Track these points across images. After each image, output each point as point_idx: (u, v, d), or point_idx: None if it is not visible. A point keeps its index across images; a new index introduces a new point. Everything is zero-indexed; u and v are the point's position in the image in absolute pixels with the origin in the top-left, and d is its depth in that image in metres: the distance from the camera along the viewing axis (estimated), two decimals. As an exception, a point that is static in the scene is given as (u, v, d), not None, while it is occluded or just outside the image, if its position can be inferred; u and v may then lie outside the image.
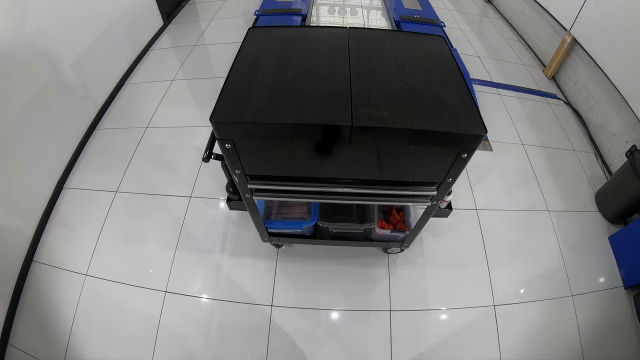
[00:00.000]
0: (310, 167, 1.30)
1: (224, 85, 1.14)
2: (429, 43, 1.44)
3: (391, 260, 2.26)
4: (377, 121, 1.06)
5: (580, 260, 2.40)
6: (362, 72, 1.25)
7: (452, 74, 1.27)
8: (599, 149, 3.19)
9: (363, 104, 1.11)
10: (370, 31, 1.51)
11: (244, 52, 1.32)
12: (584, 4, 3.32)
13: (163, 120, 3.06)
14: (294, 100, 1.11)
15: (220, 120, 1.05)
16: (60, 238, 2.40)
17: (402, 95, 1.16)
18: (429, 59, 1.34)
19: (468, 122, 1.10)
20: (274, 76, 1.20)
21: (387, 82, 1.21)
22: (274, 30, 1.48)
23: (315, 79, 1.20)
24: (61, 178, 2.67)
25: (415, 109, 1.11)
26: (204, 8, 4.73)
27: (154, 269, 2.23)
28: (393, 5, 4.13)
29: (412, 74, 1.25)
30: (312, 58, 1.30)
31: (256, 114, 1.06)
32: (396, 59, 1.32)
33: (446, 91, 1.19)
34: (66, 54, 2.71)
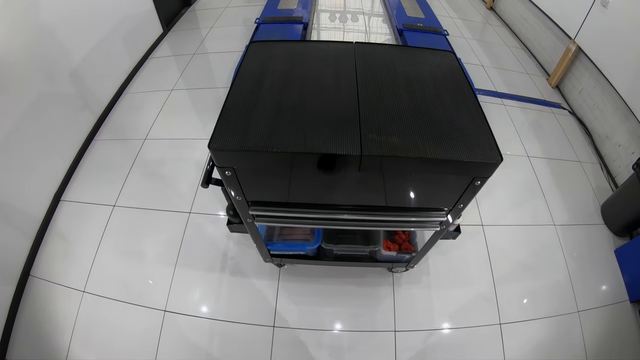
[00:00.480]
0: (314, 194, 1.25)
1: (223, 108, 1.09)
2: (439, 60, 1.38)
3: (395, 279, 2.20)
4: (388, 149, 1.01)
5: (586, 274, 2.35)
6: (370, 93, 1.19)
7: (465, 94, 1.21)
8: (604, 159, 3.14)
9: (373, 129, 1.06)
10: (377, 47, 1.45)
11: (244, 70, 1.26)
12: (589, 11, 3.28)
13: (162, 132, 3.00)
14: (299, 126, 1.05)
15: (219, 148, 1.00)
16: (58, 252, 2.35)
17: (414, 118, 1.11)
18: (441, 78, 1.28)
19: (483, 149, 1.04)
20: (276, 98, 1.14)
21: (397, 104, 1.16)
22: (276, 45, 1.42)
23: (321, 102, 1.14)
24: (58, 190, 2.62)
25: (427, 135, 1.05)
26: (204, 15, 4.68)
27: (152, 287, 2.17)
28: (395, 13, 4.08)
29: (424, 95, 1.19)
30: (317, 78, 1.24)
31: (258, 141, 1.00)
32: (406, 78, 1.27)
33: (459, 114, 1.14)
34: (63, 64, 2.67)
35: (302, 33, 3.50)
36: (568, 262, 2.38)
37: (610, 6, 3.01)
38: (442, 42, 3.54)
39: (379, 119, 1.09)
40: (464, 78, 1.29)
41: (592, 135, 3.33)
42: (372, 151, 0.99)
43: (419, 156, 0.99)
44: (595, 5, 3.20)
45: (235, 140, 1.00)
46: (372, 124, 1.08)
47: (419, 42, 3.45)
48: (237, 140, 1.00)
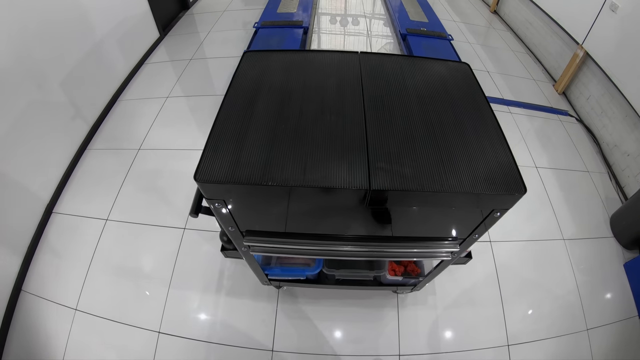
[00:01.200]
0: (315, 225, 1.14)
1: (211, 132, 0.98)
2: (453, 73, 1.27)
3: (400, 299, 2.10)
4: (400, 182, 0.90)
5: (595, 290, 2.27)
6: (379, 114, 1.08)
7: (485, 116, 1.11)
8: (612, 168, 3.05)
9: (382, 158, 0.95)
10: (385, 59, 1.33)
11: (236, 87, 1.14)
12: (598, 16, 3.18)
13: (156, 142, 2.90)
14: (297, 154, 0.94)
15: (207, 180, 0.89)
16: (49, 268, 2.26)
17: (427, 144, 1.00)
18: (457, 96, 1.17)
19: (505, 179, 0.94)
20: (271, 121, 1.03)
21: (409, 126, 1.05)
22: (272, 56, 1.29)
23: (322, 125, 1.02)
24: (50, 202, 2.53)
25: (444, 164, 0.95)
26: (202, 19, 4.57)
27: (146, 307, 2.08)
28: (398, 17, 3.99)
29: (439, 117, 1.08)
30: (318, 96, 1.13)
31: (250, 172, 0.89)
32: (418, 95, 1.16)
33: (479, 139, 1.03)
34: (53, 71, 2.57)
35: (302, 38, 3.41)
36: (577, 278, 2.30)
37: (620, 11, 2.92)
38: (447, 47, 3.45)
39: (389, 146, 0.98)
40: (482, 97, 1.18)
41: (600, 143, 3.24)
42: (381, 184, 0.89)
43: (435, 190, 0.89)
44: (604, 10, 3.10)
45: (224, 171, 0.89)
46: (382, 151, 0.97)
47: (424, 47, 3.37)
48: (226, 171, 0.89)
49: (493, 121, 1.10)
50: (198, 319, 2.04)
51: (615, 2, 2.95)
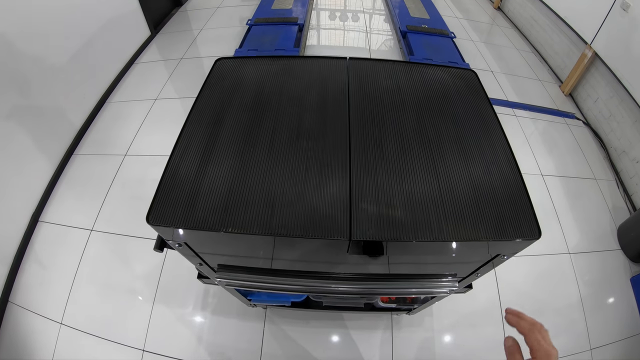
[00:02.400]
0: (294, 264, 1.01)
1: (167, 165, 0.85)
2: (458, 83, 1.11)
3: (395, 321, 1.97)
4: (388, 230, 0.75)
5: (601, 307, 2.16)
6: (367, 137, 0.92)
7: (494, 139, 0.95)
8: (619, 175, 2.91)
9: (368, 195, 0.79)
10: (378, 65, 1.17)
11: (202, 103, 1.00)
12: (608, 15, 3.03)
13: (143, 147, 2.77)
14: (264, 193, 0.79)
15: (160, 224, 0.76)
16: (35, 279, 2.18)
17: (425, 174, 0.85)
18: (460, 111, 1.02)
19: (517, 222, 0.80)
20: (238, 147, 0.88)
21: (403, 152, 0.89)
22: (248, 63, 1.14)
23: (296, 153, 0.87)
24: (37, 209, 2.44)
25: (443, 201, 0.80)
26: (196, 16, 4.41)
27: (130, 324, 1.99)
28: (398, 13, 3.83)
29: (438, 137, 0.93)
30: (295, 114, 0.97)
31: (207, 215, 0.75)
32: (415, 112, 1.00)
33: (485, 167, 0.88)
34: (37, 74, 2.44)
35: (297, 35, 3.27)
36: (582, 293, 2.18)
37: (632, 10, 2.77)
38: (449, 45, 3.30)
39: (377, 178, 0.83)
40: (491, 113, 1.02)
41: (608, 148, 3.10)
42: (365, 233, 0.74)
43: (432, 239, 0.74)
44: (615, 9, 2.95)
45: (179, 213, 0.76)
46: (368, 188, 0.81)
47: (424, 45, 3.22)
48: (182, 213, 0.76)
49: (504, 145, 0.94)
50: (183, 337, 1.94)
51: (627, 1, 2.80)
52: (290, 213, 0.74)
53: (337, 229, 0.72)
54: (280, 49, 2.85)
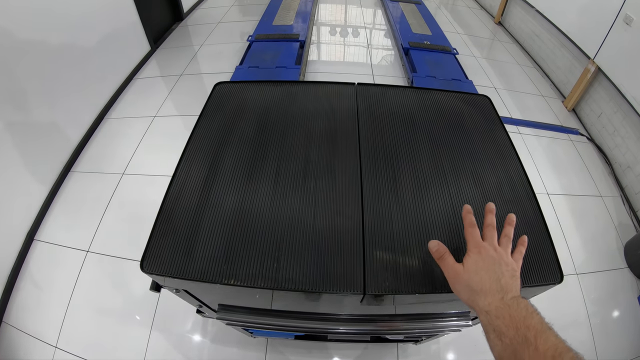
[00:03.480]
0: (299, 306, 0.94)
1: (161, 207, 0.79)
2: (470, 111, 1.07)
3: (401, 349, 1.90)
4: (407, 280, 0.68)
5: (608, 326, 2.10)
6: (380, 175, 0.85)
7: (513, 175, 0.90)
8: (625, 191, 2.87)
9: (382, 243, 0.73)
10: (388, 91, 1.11)
11: (200, 134, 0.93)
12: (611, 29, 3.01)
13: (140, 166, 2.71)
14: (268, 241, 0.72)
15: (155, 272, 0.71)
16: (30, 299, 2.11)
17: (443, 217, 0.78)
18: (477, 142, 0.97)
19: (538, 265, 0.75)
20: (239, 188, 0.81)
21: (419, 192, 0.82)
22: (250, 88, 1.08)
23: (303, 196, 0.80)
24: (32, 228, 2.37)
25: (463, 249, 0.70)
26: (196, 31, 4.39)
27: (127, 351, 1.91)
28: (400, 29, 3.80)
29: (456, 176, 0.87)
30: (301, 149, 0.90)
31: (207, 264, 0.69)
32: (431, 145, 0.94)
33: (505, 207, 0.83)
34: (34, 89, 2.39)
35: (299, 52, 3.23)
36: (590, 313, 2.12)
37: (635, 24, 2.75)
38: (452, 61, 3.28)
39: (392, 224, 0.75)
40: (509, 144, 0.97)
41: (612, 164, 3.06)
42: (380, 286, 0.67)
43: (450, 290, 0.67)
44: (618, 23, 2.94)
45: (176, 261, 0.70)
46: (383, 235, 0.74)
47: (427, 62, 3.19)
48: (178, 261, 0.70)
49: (523, 181, 0.90)
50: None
51: (630, 15, 2.78)
52: (298, 264, 0.68)
53: (349, 283, 0.66)
54: (282, 67, 2.82)
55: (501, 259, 0.59)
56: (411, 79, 2.92)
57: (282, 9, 3.97)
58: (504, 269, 0.58)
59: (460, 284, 0.58)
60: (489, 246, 0.61)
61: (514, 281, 0.58)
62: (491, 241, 0.62)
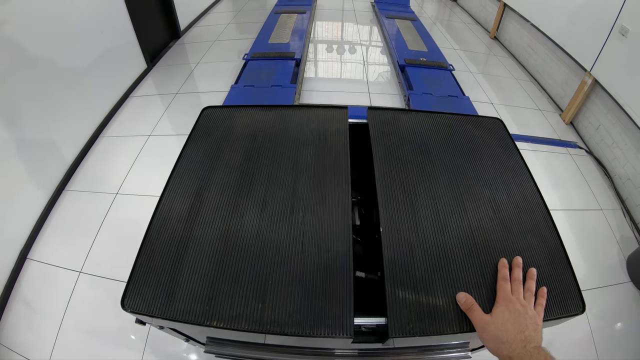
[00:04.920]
0: (294, 341, 0.90)
1: (142, 244, 0.76)
2: (484, 136, 1.05)
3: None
4: (431, 321, 0.67)
5: (612, 341, 2.06)
6: (398, 210, 0.81)
7: (528, 196, 0.92)
8: (625, 204, 2.83)
9: (405, 282, 0.70)
10: (400, 115, 1.08)
11: (184, 167, 0.91)
12: (606, 41, 3.01)
13: (135, 186, 2.68)
14: (253, 280, 0.68)
15: (136, 311, 0.67)
16: (22, 321, 2.05)
17: (466, 253, 0.77)
18: (493, 169, 0.96)
19: (559, 296, 0.75)
20: (224, 222, 0.77)
21: (440, 227, 0.79)
22: (238, 113, 1.06)
23: (291, 230, 0.75)
24: (25, 246, 2.33)
25: (486, 284, 0.72)
26: (193, 49, 4.41)
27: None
28: (396, 46, 3.81)
29: (476, 208, 0.85)
30: (289, 179, 0.86)
31: (190, 306, 0.65)
32: (448, 174, 0.92)
33: (525, 239, 0.82)
34: (29, 106, 2.37)
35: (294, 70, 3.23)
36: (592, 328, 2.07)
37: (631, 35, 2.74)
38: (448, 78, 3.27)
39: (415, 267, 0.72)
40: (525, 170, 0.98)
41: (612, 177, 3.03)
42: (404, 329, 0.65)
43: (472, 329, 0.66)
44: (613, 34, 2.94)
45: (157, 300, 0.67)
46: (405, 277, 0.71)
47: (423, 79, 3.19)
48: (160, 301, 0.66)
49: (542, 209, 0.91)
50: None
51: (626, 26, 2.78)
52: (284, 304, 0.64)
53: (339, 325, 0.62)
54: (277, 85, 2.81)
55: (526, 313, 0.65)
56: (408, 97, 2.91)
57: (278, 27, 3.99)
58: (528, 322, 0.64)
59: (488, 334, 0.64)
60: (516, 300, 0.68)
61: (536, 333, 0.63)
62: (517, 295, 0.69)
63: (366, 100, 3.44)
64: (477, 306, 0.67)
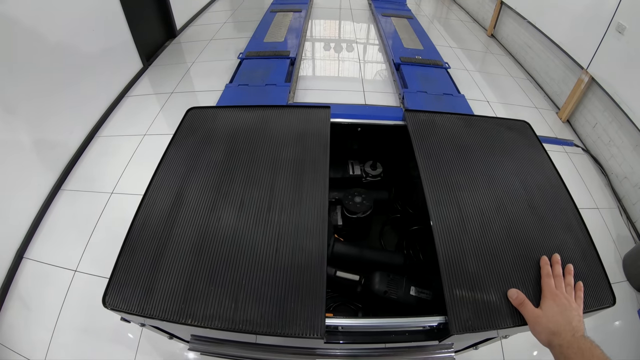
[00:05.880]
0: (283, 340, 0.90)
1: (125, 241, 0.77)
2: (514, 138, 1.11)
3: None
4: (486, 318, 0.71)
5: (607, 340, 2.07)
6: (447, 211, 0.86)
7: (560, 196, 0.97)
8: (622, 202, 2.83)
9: (460, 281, 0.74)
10: (436, 117, 1.13)
11: (169, 162, 0.93)
12: (603, 39, 3.00)
13: (130, 185, 2.69)
14: (227, 278, 0.68)
15: (117, 309, 0.68)
16: (19, 319, 2.08)
17: (510, 251, 0.81)
18: (527, 171, 1.00)
19: (592, 289, 0.82)
20: (201, 221, 0.78)
21: (485, 227, 0.84)
22: (221, 114, 1.06)
23: (266, 230, 0.76)
24: (22, 245, 2.35)
25: (530, 279, 0.77)
26: (189, 48, 4.41)
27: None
28: (391, 44, 3.80)
29: (515, 207, 0.90)
30: (267, 179, 0.87)
31: (167, 304, 0.66)
32: (487, 176, 0.96)
33: (561, 236, 0.87)
34: (25, 106, 2.38)
35: (289, 69, 3.22)
36: (589, 330, 2.00)
37: (628, 32, 2.74)
38: (444, 76, 3.25)
39: (467, 266, 0.76)
40: (554, 172, 1.02)
41: (609, 175, 3.02)
42: (464, 325, 0.69)
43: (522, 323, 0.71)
44: (610, 32, 2.93)
45: (137, 298, 0.67)
46: (459, 276, 0.75)
47: (418, 77, 3.18)
48: (139, 298, 0.67)
49: (572, 207, 0.96)
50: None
51: (622, 23, 2.77)
52: (257, 304, 0.64)
53: (309, 326, 0.62)
54: (271, 84, 2.80)
55: (570, 306, 0.72)
56: (402, 95, 2.90)
57: (273, 25, 3.98)
58: (573, 314, 0.71)
59: (541, 326, 0.70)
60: (561, 294, 0.74)
61: (580, 324, 0.70)
62: (561, 289, 0.75)
63: (361, 98, 3.44)
64: (528, 301, 0.72)
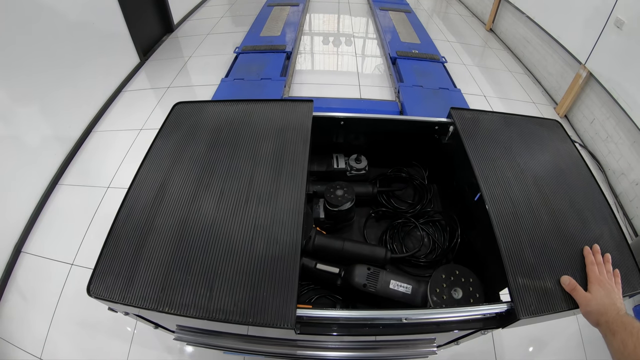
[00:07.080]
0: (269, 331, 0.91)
1: (109, 232, 0.78)
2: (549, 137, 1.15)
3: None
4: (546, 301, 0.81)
5: (601, 341, 1.99)
6: (504, 208, 0.92)
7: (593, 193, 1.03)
8: (619, 199, 2.82)
9: (522, 269, 0.82)
10: (480, 115, 1.17)
11: (154, 156, 0.94)
12: (601, 33, 2.98)
13: (126, 180, 2.61)
14: (204, 267, 0.70)
15: (100, 297, 0.70)
16: (16, 312, 2.10)
17: (559, 242, 0.90)
18: (564, 169, 1.05)
19: (626, 277, 0.89)
20: (182, 212, 0.80)
21: (535, 221, 0.92)
22: (207, 108, 1.07)
23: (243, 220, 0.77)
24: (20, 240, 2.37)
25: (574, 266, 0.87)
26: (186, 43, 4.40)
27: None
28: (388, 38, 3.80)
29: (559, 204, 0.97)
30: (247, 171, 0.88)
31: (146, 292, 0.68)
32: (533, 174, 1.02)
33: (593, 224, 0.95)
34: (22, 103, 2.39)
35: (285, 63, 3.23)
36: (582, 327, 2.07)
37: (626, 27, 2.71)
38: (440, 70, 3.26)
39: (525, 255, 0.84)
40: (586, 170, 1.07)
41: (606, 171, 3.01)
42: (529, 309, 0.78)
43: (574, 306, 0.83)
44: (609, 27, 2.91)
45: (118, 287, 0.69)
46: (521, 264, 0.83)
47: (415, 71, 3.18)
48: (120, 287, 0.69)
49: (605, 205, 1.02)
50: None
51: (621, 18, 2.75)
52: (231, 293, 0.65)
53: (280, 315, 0.63)
54: (267, 78, 2.81)
55: (613, 289, 0.81)
56: (397, 89, 2.90)
57: (270, 19, 3.98)
58: (616, 296, 0.80)
59: (592, 308, 0.79)
60: (604, 279, 0.83)
61: (622, 305, 0.79)
62: (604, 276, 0.84)
63: (356, 92, 3.43)
64: (579, 287, 0.81)
